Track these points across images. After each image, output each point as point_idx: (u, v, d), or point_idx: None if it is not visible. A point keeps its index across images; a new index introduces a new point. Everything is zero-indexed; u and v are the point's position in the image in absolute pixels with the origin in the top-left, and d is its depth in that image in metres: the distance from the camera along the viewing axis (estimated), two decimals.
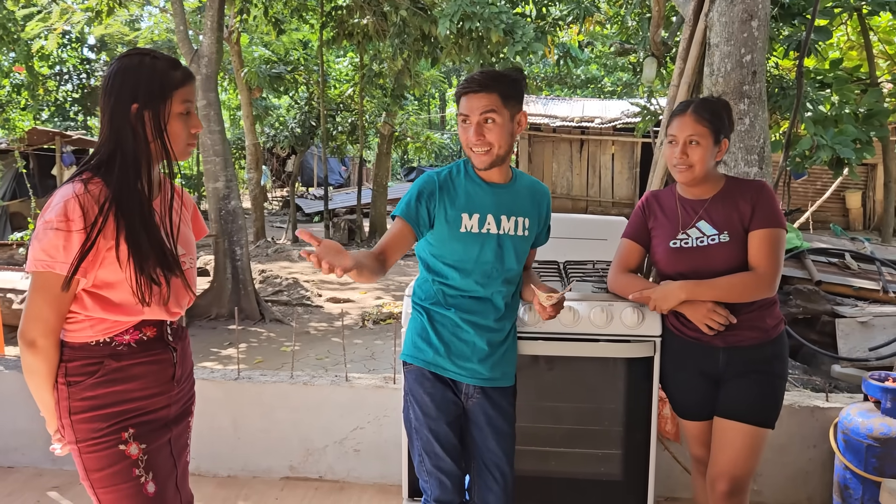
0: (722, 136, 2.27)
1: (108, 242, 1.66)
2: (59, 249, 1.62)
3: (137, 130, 1.70)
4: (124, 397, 1.75)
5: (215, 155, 8.11)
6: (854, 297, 5.78)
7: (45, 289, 1.66)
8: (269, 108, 18.29)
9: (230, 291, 8.19)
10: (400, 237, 2.16)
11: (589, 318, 2.49)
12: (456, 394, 2.23)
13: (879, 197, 15.49)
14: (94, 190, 1.66)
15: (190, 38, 8.38)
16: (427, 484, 2.24)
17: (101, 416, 1.72)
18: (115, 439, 1.72)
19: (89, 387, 1.72)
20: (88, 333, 1.74)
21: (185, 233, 1.91)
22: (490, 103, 2.08)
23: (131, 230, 1.68)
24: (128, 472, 1.73)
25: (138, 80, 1.70)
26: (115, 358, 1.75)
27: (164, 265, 1.74)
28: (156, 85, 1.71)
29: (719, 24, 4.21)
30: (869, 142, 7.24)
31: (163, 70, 1.73)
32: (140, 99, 1.70)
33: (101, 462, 1.72)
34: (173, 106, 1.74)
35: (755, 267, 2.23)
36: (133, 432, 1.75)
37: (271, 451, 3.41)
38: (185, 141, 1.78)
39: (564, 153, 17.53)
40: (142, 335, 1.79)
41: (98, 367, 1.73)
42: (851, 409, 2.94)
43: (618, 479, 2.65)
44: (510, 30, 8.28)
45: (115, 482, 1.72)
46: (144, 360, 1.79)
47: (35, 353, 1.69)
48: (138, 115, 1.70)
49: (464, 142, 2.14)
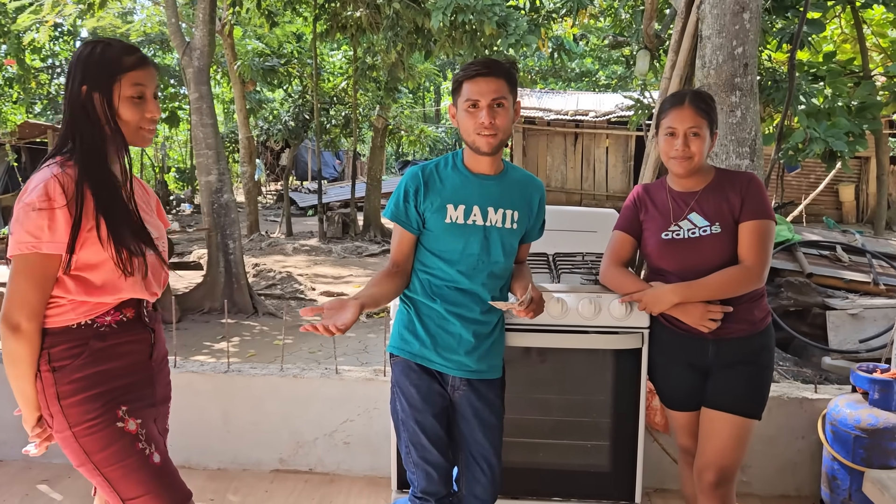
0: (714, 128, 2.29)
1: (89, 222, 1.68)
2: (43, 229, 1.63)
3: (90, 113, 1.73)
4: (111, 375, 1.76)
5: (207, 148, 8.08)
6: (845, 290, 5.80)
7: (30, 271, 1.67)
8: (263, 101, 18.20)
9: (223, 285, 8.17)
10: (405, 242, 2.23)
11: (577, 309, 2.50)
12: (442, 385, 2.23)
13: (872, 190, 15.54)
14: (69, 171, 1.69)
15: (182, 31, 8.34)
16: (414, 475, 2.25)
17: (92, 396, 1.72)
18: (111, 417, 1.73)
19: (76, 369, 1.72)
20: (71, 316, 1.74)
21: (153, 220, 1.94)
22: (500, 88, 2.10)
23: (107, 207, 1.70)
24: (132, 447, 1.75)
25: (89, 64, 1.74)
26: (99, 338, 1.76)
27: (141, 239, 1.78)
28: (105, 68, 1.73)
29: (711, 16, 4.20)
30: (862, 135, 7.25)
31: (113, 55, 1.75)
32: (88, 81, 1.73)
33: (102, 442, 1.72)
34: (123, 89, 1.74)
35: (744, 259, 2.23)
36: (126, 409, 1.76)
37: (261, 443, 3.41)
38: (136, 125, 1.78)
39: (559, 146, 17.53)
40: (122, 316, 1.80)
41: (83, 349, 1.74)
42: (839, 400, 2.96)
43: (606, 471, 2.66)
44: (503, 22, 8.26)
45: (121, 458, 1.73)
46: (126, 340, 1.81)
47: (19, 337, 1.68)
48: (88, 98, 1.73)
49: (470, 127, 2.12)
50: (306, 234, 15.22)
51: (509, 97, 2.12)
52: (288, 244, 13.40)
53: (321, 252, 12.89)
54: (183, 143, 24.47)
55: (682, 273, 2.28)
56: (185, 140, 23.03)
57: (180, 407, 3.41)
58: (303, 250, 12.95)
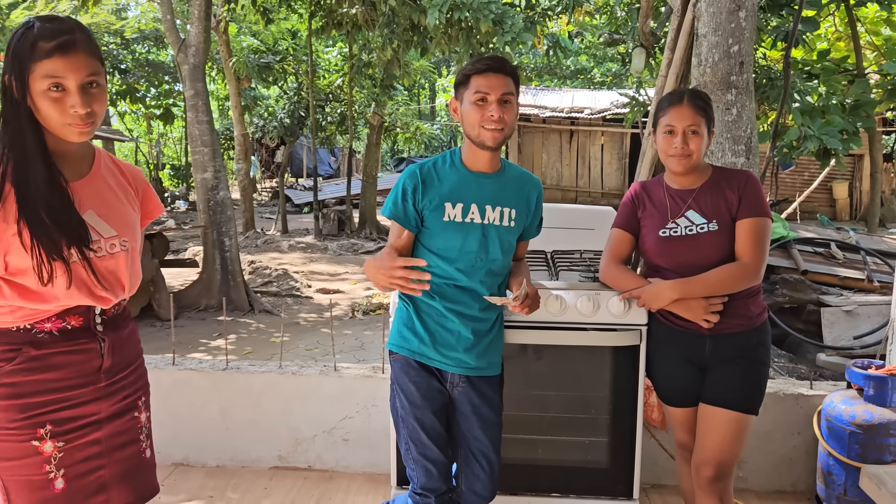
0: (712, 126, 2.31)
1: (11, 227, 1.56)
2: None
3: (15, 105, 1.59)
4: (43, 387, 1.66)
5: (203, 145, 8.07)
6: (839, 287, 5.84)
7: None
8: (258, 98, 18.20)
9: (219, 282, 8.17)
10: (403, 239, 2.23)
11: (576, 306, 2.51)
12: (441, 382, 2.25)
13: (866, 187, 15.62)
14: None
15: (177, 28, 8.32)
16: (413, 472, 2.26)
17: (18, 406, 1.63)
18: (30, 434, 1.64)
19: (7, 374, 1.63)
20: (8, 319, 1.64)
21: (122, 213, 1.79)
22: (508, 84, 2.14)
23: (28, 204, 1.57)
24: (38, 467, 1.65)
25: (10, 49, 1.58)
26: (34, 346, 1.65)
27: (68, 241, 1.62)
28: (19, 57, 1.57)
29: (707, 15, 4.22)
30: (856, 132, 7.28)
31: (31, 39, 1.57)
32: (7, 70, 1.58)
33: (11, 452, 1.64)
34: (35, 81, 1.57)
35: (741, 257, 2.26)
36: (50, 429, 1.66)
37: (260, 440, 3.42)
38: (57, 121, 1.60)
39: (554, 144, 17.55)
40: (65, 324, 1.69)
41: (16, 354, 1.64)
42: (835, 396, 2.98)
43: (604, 467, 2.67)
44: (499, 20, 8.28)
45: (24, 473, 1.65)
46: (66, 350, 1.69)
47: None
48: (9, 87, 1.58)
49: (476, 120, 2.13)
50: (302, 231, 15.22)
51: (515, 94, 2.17)
52: (283, 241, 13.39)
53: (317, 249, 12.89)
54: (177, 140, 24.41)
55: (680, 270, 2.30)
56: (180, 137, 22.98)
57: (179, 404, 3.45)
58: (298, 247, 12.94)
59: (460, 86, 2.18)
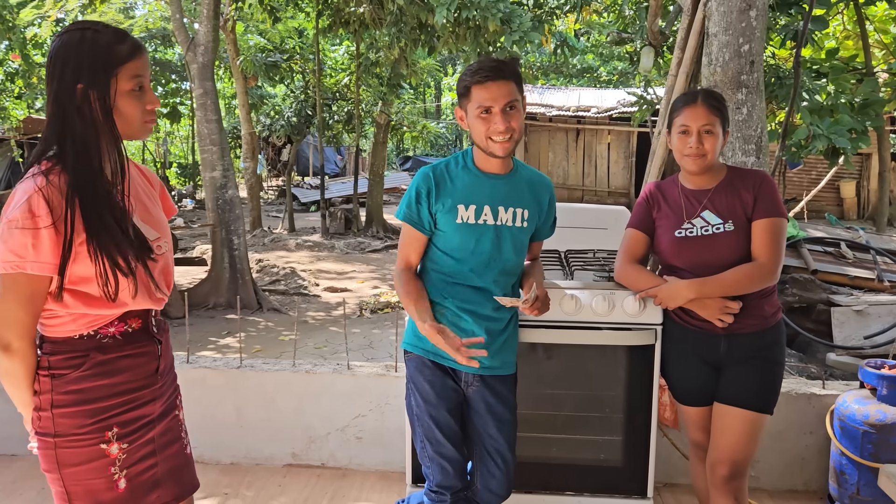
0: (726, 126, 2.32)
1: (80, 236, 1.57)
2: (27, 248, 1.53)
3: (85, 113, 1.59)
4: (111, 391, 1.69)
5: (212, 144, 8.09)
6: (849, 286, 5.83)
7: (16, 290, 1.57)
8: (265, 96, 18.22)
9: (228, 281, 8.20)
10: (418, 243, 2.24)
11: (591, 306, 2.52)
12: (456, 381, 2.26)
13: (874, 186, 15.56)
14: (55, 180, 1.56)
15: (186, 27, 8.34)
16: (429, 470, 2.28)
17: (87, 411, 1.66)
18: (99, 438, 1.67)
19: (74, 380, 1.65)
20: (71, 328, 1.66)
21: (157, 214, 1.83)
22: (511, 90, 2.09)
23: (97, 220, 1.59)
24: (104, 470, 1.68)
25: (80, 57, 1.58)
26: (101, 351, 1.67)
27: (134, 252, 1.65)
28: (99, 62, 1.58)
29: (718, 14, 4.22)
30: (864, 131, 7.26)
31: (106, 45, 1.59)
32: (84, 79, 1.57)
33: (80, 458, 1.66)
34: (120, 84, 1.61)
35: (757, 257, 2.26)
36: (117, 431, 1.69)
37: (274, 438, 3.44)
38: (139, 119, 1.66)
39: (560, 143, 17.53)
40: (127, 327, 1.71)
41: (84, 360, 1.66)
42: (848, 396, 2.98)
43: (618, 465, 2.69)
44: (507, 19, 8.27)
45: (90, 478, 1.67)
46: (130, 353, 1.72)
47: (11, 356, 1.61)
48: (84, 96, 1.58)
49: (482, 132, 2.10)
50: (308, 229, 15.24)
51: (519, 97, 2.13)
52: (290, 240, 13.42)
53: (324, 248, 12.91)
54: (184, 139, 24.46)
55: (696, 270, 2.31)
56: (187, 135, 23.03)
57: (194, 402, 3.44)
58: (305, 246, 12.97)
59: (463, 96, 2.15)
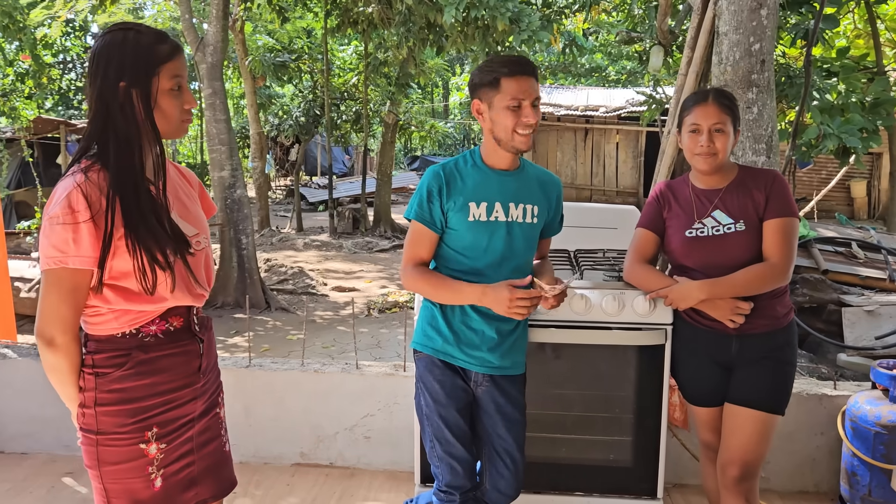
0: (737, 125, 2.30)
1: (119, 231, 1.60)
2: (69, 243, 1.56)
3: (127, 111, 1.63)
4: (152, 391, 1.71)
5: (221, 144, 8.12)
6: (860, 286, 5.79)
7: (59, 285, 1.60)
8: (273, 96, 18.24)
9: (236, 280, 8.22)
10: (428, 242, 2.22)
11: (601, 306, 2.51)
12: (465, 381, 2.25)
13: (884, 186, 15.46)
14: (94, 177, 1.60)
15: (195, 27, 8.36)
16: (438, 469, 2.27)
17: (128, 410, 1.68)
18: (139, 437, 1.69)
19: (117, 379, 1.67)
20: (113, 326, 1.68)
21: (196, 212, 1.85)
22: (537, 87, 2.14)
23: (137, 215, 1.62)
24: (142, 470, 1.70)
25: (123, 57, 1.62)
26: (142, 349, 1.69)
27: (172, 246, 1.67)
28: (142, 61, 1.63)
29: (728, 13, 4.19)
30: (875, 131, 7.21)
31: (148, 45, 1.64)
32: (127, 77, 1.62)
33: (119, 456, 1.69)
34: (161, 82, 1.65)
35: (769, 257, 2.25)
36: (157, 431, 1.71)
37: (282, 437, 3.44)
38: (178, 118, 1.70)
39: (569, 142, 17.50)
40: (168, 325, 1.74)
41: (126, 359, 1.68)
42: (860, 396, 2.96)
43: (628, 466, 2.67)
44: (516, 18, 8.26)
45: (128, 476, 1.70)
46: (172, 352, 1.74)
47: (55, 350, 1.64)
48: (126, 94, 1.62)
49: (510, 125, 2.10)
50: (316, 229, 15.27)
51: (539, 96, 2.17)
52: (299, 239, 13.45)
53: (332, 247, 12.93)
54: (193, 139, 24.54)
55: (706, 270, 2.29)
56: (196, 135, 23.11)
57: None
58: (314, 245, 12.99)
59: (486, 87, 2.13)
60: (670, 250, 2.41)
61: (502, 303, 2.07)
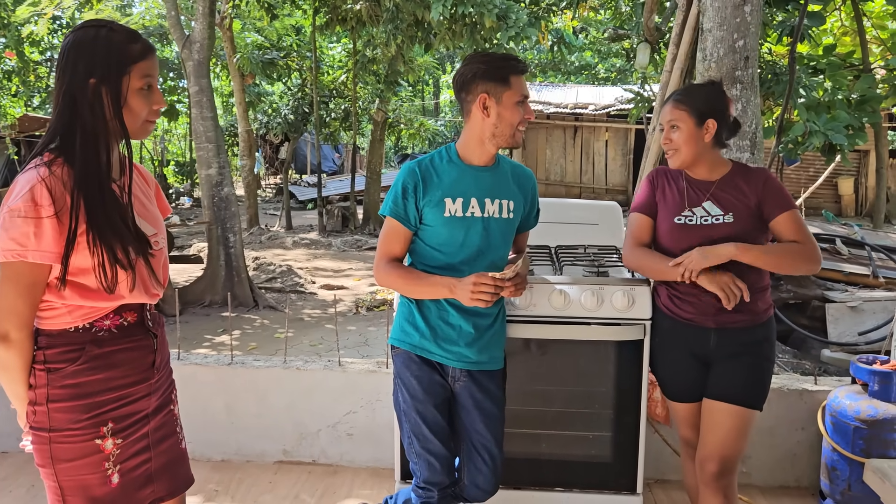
0: (706, 117, 2.29)
1: (82, 227, 1.58)
2: (29, 237, 1.54)
3: (95, 108, 1.61)
4: (106, 386, 1.68)
5: (208, 142, 8.08)
6: (844, 283, 5.82)
7: (16, 279, 1.57)
8: (262, 94, 18.16)
9: (223, 278, 8.18)
10: (402, 238, 2.21)
11: (580, 301, 2.51)
12: (443, 377, 2.25)
13: (871, 183, 15.56)
14: (58, 172, 1.57)
15: (182, 24, 8.32)
16: (416, 466, 2.27)
17: (83, 406, 1.65)
18: (94, 433, 1.67)
19: (70, 374, 1.65)
20: (66, 320, 1.66)
21: (153, 211, 1.85)
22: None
23: (101, 214, 1.60)
24: (98, 465, 1.68)
25: (95, 54, 1.61)
26: (96, 344, 1.67)
27: (135, 246, 1.66)
28: (113, 59, 1.61)
29: (712, 9, 4.21)
30: (861, 128, 7.25)
31: (120, 43, 1.63)
32: (97, 74, 1.60)
33: (74, 453, 1.66)
34: (132, 81, 1.64)
35: (796, 241, 2.25)
36: (112, 427, 1.69)
37: (265, 435, 3.43)
38: (143, 118, 1.69)
39: (558, 140, 17.53)
40: (122, 320, 1.72)
41: (80, 354, 1.66)
42: (839, 391, 2.97)
43: (608, 461, 2.68)
44: (503, 15, 8.26)
45: (83, 472, 1.67)
46: (126, 346, 1.72)
47: (8, 346, 1.60)
48: (95, 92, 1.60)
49: (515, 121, 2.14)
50: (306, 227, 15.23)
51: None
52: (288, 238, 13.41)
53: (321, 245, 12.90)
54: (182, 137, 24.45)
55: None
56: (185, 133, 23.02)
57: (184, 399, 3.40)
58: (302, 244, 12.96)
59: (495, 83, 2.11)
60: (658, 235, 2.40)
61: (466, 291, 2.07)
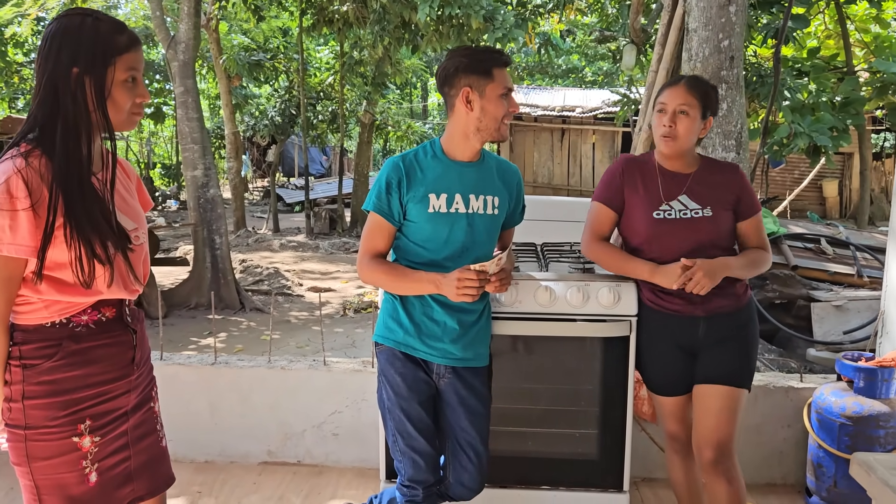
0: (709, 113, 2.29)
1: (59, 220, 1.54)
2: (4, 230, 1.50)
3: (78, 98, 1.57)
4: (84, 382, 1.65)
5: (193, 143, 8.02)
6: (829, 282, 5.85)
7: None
8: (249, 96, 18.11)
9: (210, 280, 8.12)
10: (386, 234, 2.19)
11: (565, 297, 2.50)
12: (428, 374, 2.23)
13: (856, 185, 15.68)
14: (35, 163, 1.53)
15: (167, 25, 8.27)
16: (401, 463, 2.25)
17: (59, 403, 1.62)
18: (71, 431, 1.63)
19: (47, 370, 1.61)
20: (43, 315, 1.62)
21: (134, 206, 1.81)
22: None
23: (80, 208, 1.56)
24: (75, 464, 1.65)
25: (79, 43, 1.56)
26: (74, 339, 1.64)
27: (113, 241, 1.62)
28: (98, 49, 1.57)
29: (697, 9, 4.22)
30: (845, 130, 7.31)
31: (106, 33, 1.59)
32: (81, 64, 1.56)
33: (51, 451, 1.62)
34: (117, 73, 1.60)
35: (759, 247, 2.39)
36: (90, 424, 1.66)
37: (249, 436, 3.39)
38: (128, 110, 1.65)
39: (545, 143, 17.55)
40: (101, 315, 1.68)
41: (56, 350, 1.62)
42: (825, 388, 2.98)
43: (594, 459, 2.66)
44: (490, 16, 8.28)
45: (60, 471, 1.64)
46: (105, 342, 1.69)
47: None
48: (78, 82, 1.57)
49: (500, 114, 2.12)
50: (293, 230, 15.17)
51: None
52: (275, 240, 13.35)
53: (308, 248, 12.85)
54: (168, 139, 24.31)
55: (674, 254, 2.26)
56: (171, 136, 22.89)
57: (166, 399, 3.37)
58: (290, 246, 12.90)
59: (478, 76, 2.09)
60: (633, 230, 2.37)
61: (452, 287, 2.06)
